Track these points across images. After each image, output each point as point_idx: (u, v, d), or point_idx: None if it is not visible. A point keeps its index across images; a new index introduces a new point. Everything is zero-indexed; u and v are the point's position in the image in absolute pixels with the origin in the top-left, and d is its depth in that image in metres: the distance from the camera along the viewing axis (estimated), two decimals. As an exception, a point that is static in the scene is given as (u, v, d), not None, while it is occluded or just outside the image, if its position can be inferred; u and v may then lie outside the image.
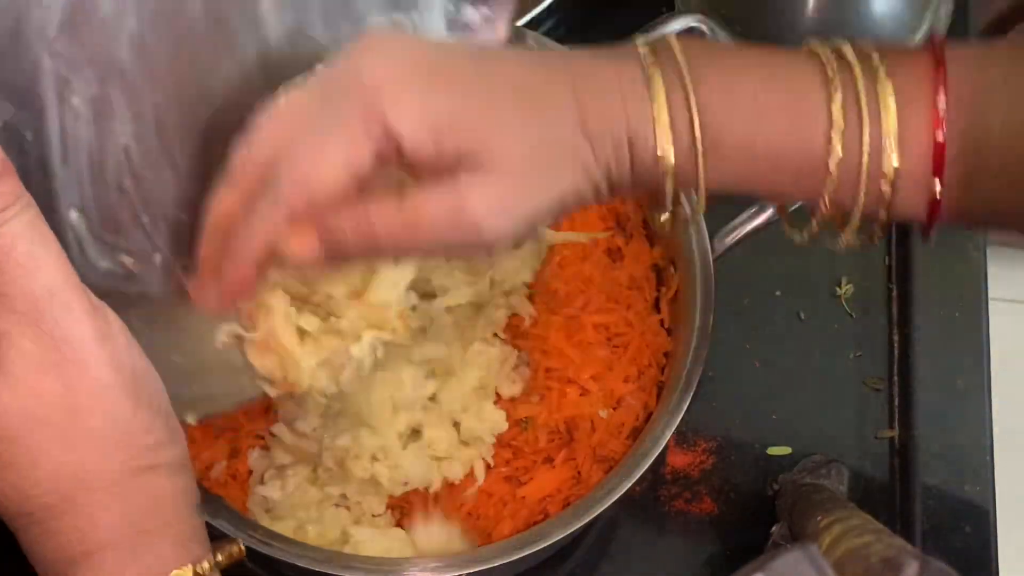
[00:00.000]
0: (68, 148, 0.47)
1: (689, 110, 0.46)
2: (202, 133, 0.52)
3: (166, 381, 0.48)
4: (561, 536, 0.59)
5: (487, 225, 0.44)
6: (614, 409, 0.66)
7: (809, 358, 0.77)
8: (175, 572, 0.44)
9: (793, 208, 0.52)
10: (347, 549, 0.63)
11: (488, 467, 0.66)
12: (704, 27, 0.71)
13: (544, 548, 0.58)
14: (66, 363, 0.43)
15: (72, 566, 0.44)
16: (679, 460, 0.73)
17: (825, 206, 0.47)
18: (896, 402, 0.76)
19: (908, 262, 0.79)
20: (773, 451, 0.74)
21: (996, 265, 0.81)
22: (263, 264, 0.46)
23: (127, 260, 0.52)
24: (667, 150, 0.46)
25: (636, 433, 0.65)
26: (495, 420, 0.65)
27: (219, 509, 0.58)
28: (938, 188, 0.46)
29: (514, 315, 0.69)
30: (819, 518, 0.62)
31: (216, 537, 0.48)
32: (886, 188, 0.46)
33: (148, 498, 0.45)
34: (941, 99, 0.45)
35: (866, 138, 0.45)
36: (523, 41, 0.69)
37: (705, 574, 0.71)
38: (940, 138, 0.45)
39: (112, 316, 0.45)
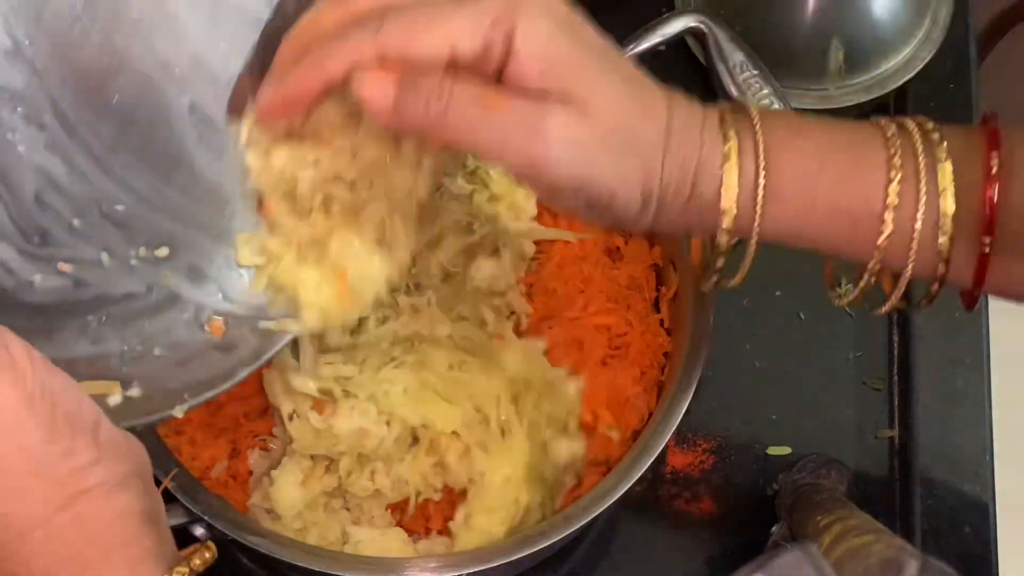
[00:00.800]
0: None
1: (756, 155, 0.47)
2: (117, 117, 0.50)
3: (152, 377, 0.46)
4: (561, 536, 0.59)
5: (552, 155, 0.45)
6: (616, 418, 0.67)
7: (809, 358, 0.77)
8: None
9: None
10: (347, 549, 0.63)
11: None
12: (704, 27, 0.71)
13: (544, 548, 0.58)
14: None
15: None
16: (679, 460, 0.73)
17: (875, 265, 0.48)
18: (896, 402, 0.76)
19: (908, 262, 0.79)
20: (773, 451, 0.74)
21: (996, 265, 0.80)
22: (329, 88, 0.45)
23: (68, 268, 0.50)
24: (731, 188, 0.47)
25: (636, 433, 0.66)
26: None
27: (219, 509, 0.58)
28: (987, 249, 0.47)
29: (512, 313, 0.69)
30: (819, 518, 0.62)
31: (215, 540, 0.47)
32: (939, 254, 0.47)
33: (83, 529, 0.42)
34: (994, 162, 0.47)
35: (921, 209, 0.47)
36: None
37: (705, 574, 0.71)
38: (988, 214, 0.47)
39: (13, 339, 0.42)
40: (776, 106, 0.70)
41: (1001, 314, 0.84)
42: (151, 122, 0.51)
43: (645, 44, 0.70)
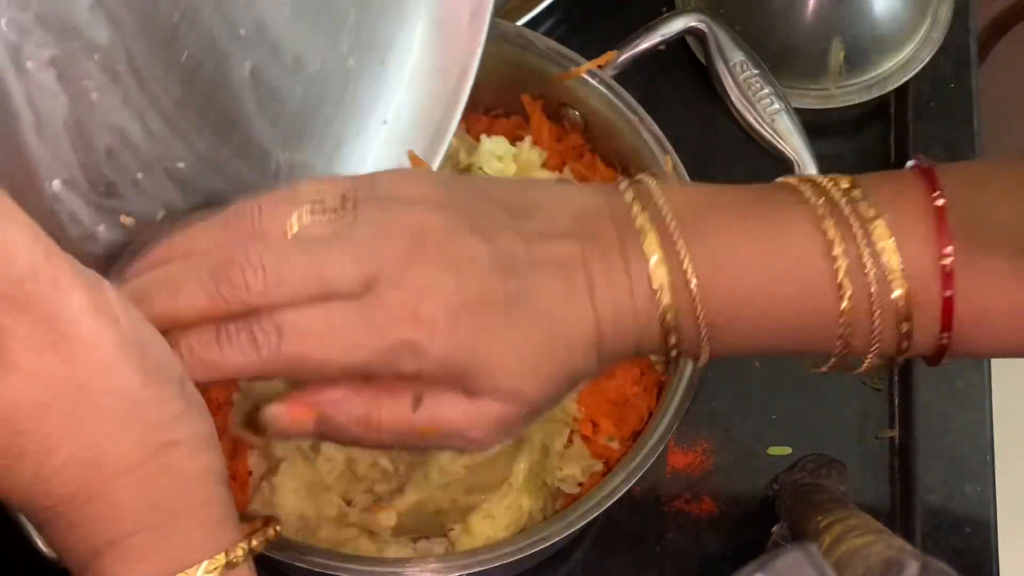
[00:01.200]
0: (40, 119, 0.45)
1: (687, 279, 0.45)
2: (184, 74, 0.50)
3: None
4: (561, 536, 0.58)
5: (488, 441, 0.46)
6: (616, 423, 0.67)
7: (809, 358, 0.77)
8: (207, 562, 0.41)
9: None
10: (347, 549, 0.62)
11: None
12: (704, 27, 0.71)
13: (544, 548, 0.58)
14: (64, 341, 0.40)
15: (97, 557, 0.41)
16: (679, 460, 0.73)
17: (841, 349, 0.47)
18: (896, 402, 0.76)
19: (908, 262, 0.79)
20: (773, 451, 0.74)
21: (996, 265, 0.80)
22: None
23: (129, 221, 0.50)
24: (672, 318, 0.46)
25: (636, 434, 0.65)
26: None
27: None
28: (945, 339, 0.46)
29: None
30: (819, 518, 0.62)
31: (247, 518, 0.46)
32: (896, 331, 0.46)
33: (172, 479, 0.41)
34: (947, 251, 0.45)
35: (872, 278, 0.45)
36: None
37: (705, 574, 0.71)
38: (948, 289, 0.45)
39: (106, 285, 0.42)
40: (775, 106, 0.69)
41: (1001, 314, 0.84)
42: (213, 82, 0.51)
43: (645, 44, 0.70)
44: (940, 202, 0.46)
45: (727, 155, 0.79)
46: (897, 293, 0.45)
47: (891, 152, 0.83)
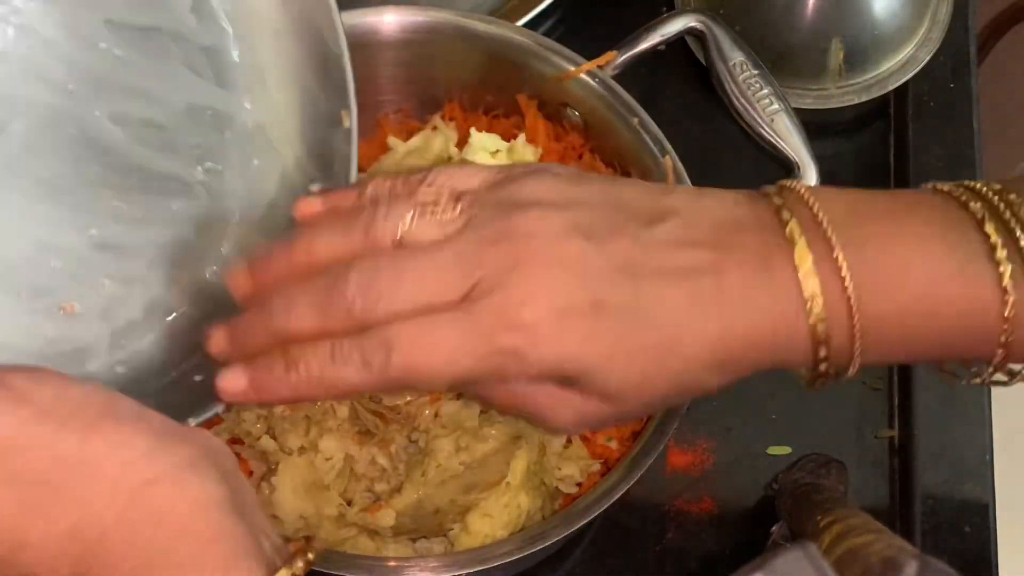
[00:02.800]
0: None
1: (844, 287, 0.43)
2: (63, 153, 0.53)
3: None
4: (561, 536, 0.58)
5: (566, 430, 0.49)
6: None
7: (809, 358, 0.77)
8: None
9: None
10: (347, 549, 0.62)
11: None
12: (704, 27, 0.71)
13: (544, 548, 0.58)
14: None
15: None
16: (679, 460, 0.73)
17: (1001, 357, 0.45)
18: (896, 402, 0.76)
19: (908, 262, 0.79)
20: (773, 451, 0.74)
21: (996, 265, 0.80)
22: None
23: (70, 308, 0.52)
24: (820, 331, 0.44)
25: (636, 434, 0.65)
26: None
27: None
28: None
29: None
30: (819, 518, 0.62)
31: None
32: None
33: (162, 525, 0.39)
34: None
35: None
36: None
37: (705, 574, 0.71)
38: None
39: (8, 373, 0.41)
40: (775, 106, 0.69)
41: (1001, 314, 0.84)
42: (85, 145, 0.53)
43: (645, 44, 0.70)
44: None
45: (727, 155, 0.79)
46: None
47: (891, 152, 0.83)
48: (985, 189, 0.45)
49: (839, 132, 0.84)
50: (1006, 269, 0.43)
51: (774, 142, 0.69)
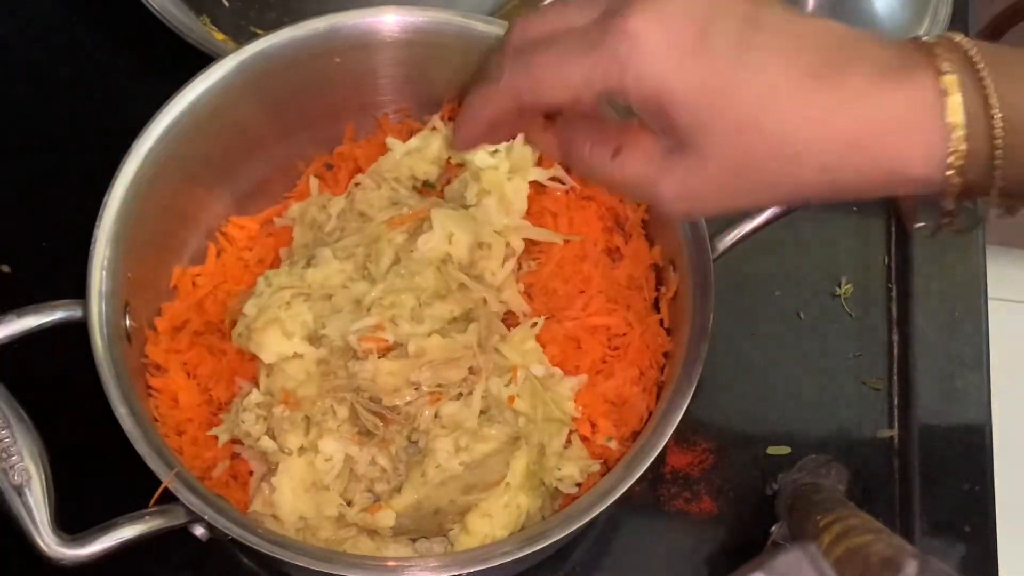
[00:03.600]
0: None
1: (990, 96, 0.42)
2: None
3: None
4: (561, 536, 0.59)
5: (671, 208, 0.46)
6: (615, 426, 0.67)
7: (809, 358, 0.77)
8: None
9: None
10: (347, 549, 0.63)
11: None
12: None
13: (544, 548, 0.58)
14: None
15: None
16: (679, 460, 0.73)
17: None
18: (896, 402, 0.76)
19: (908, 262, 0.79)
20: (773, 451, 0.74)
21: (996, 265, 0.81)
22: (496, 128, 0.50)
23: None
24: (959, 137, 0.43)
25: (636, 434, 0.66)
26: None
27: (220, 509, 0.58)
28: None
29: (508, 313, 0.69)
30: (819, 518, 0.62)
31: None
32: None
33: None
34: None
35: None
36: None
37: (705, 574, 0.71)
38: None
39: None
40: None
41: (1001, 314, 0.84)
42: None
43: (645, 44, 0.70)
44: None
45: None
46: None
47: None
48: None
49: (839, 132, 0.84)
50: None
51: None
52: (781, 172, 0.44)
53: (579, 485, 0.65)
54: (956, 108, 0.42)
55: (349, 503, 0.64)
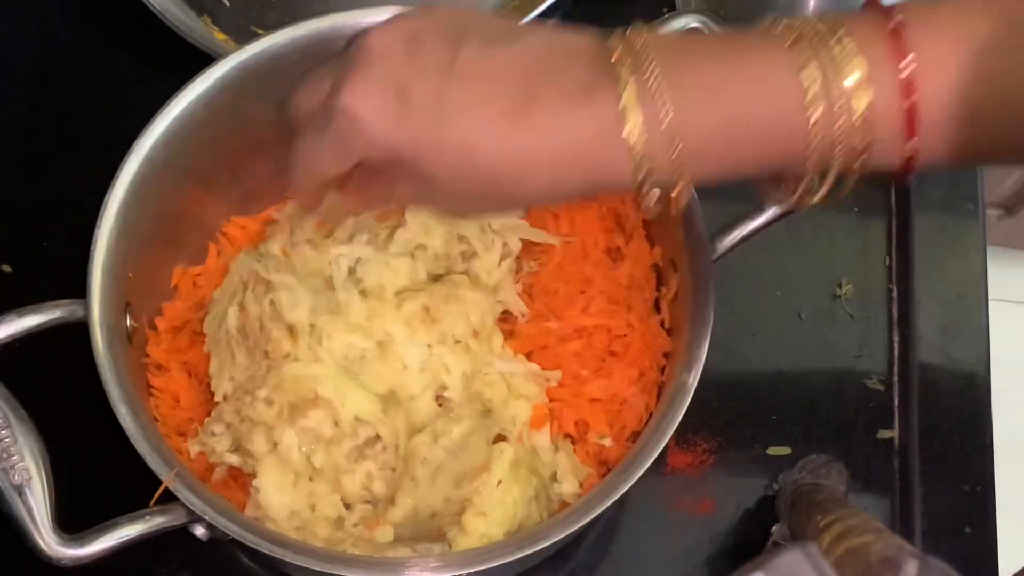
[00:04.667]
0: None
1: (662, 105, 0.46)
2: None
3: None
4: (561, 536, 0.59)
5: (444, 210, 0.55)
6: (616, 416, 0.67)
7: (809, 358, 0.77)
8: None
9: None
10: (347, 549, 0.62)
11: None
12: (704, 27, 0.71)
13: (544, 548, 0.58)
14: None
15: None
16: (679, 460, 0.73)
17: (806, 170, 0.48)
18: (896, 402, 0.76)
19: (908, 262, 0.79)
20: (773, 451, 0.74)
21: (996, 265, 0.81)
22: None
23: None
24: (639, 147, 0.47)
25: (635, 434, 0.66)
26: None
27: (220, 509, 0.58)
28: (913, 142, 0.46)
29: (506, 312, 0.69)
30: (819, 518, 0.62)
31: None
32: (859, 144, 0.47)
33: None
34: (907, 58, 0.46)
35: (836, 97, 0.46)
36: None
37: (705, 574, 0.71)
38: (910, 96, 0.46)
39: None
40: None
41: (1001, 314, 0.84)
42: None
43: (645, 44, 0.70)
44: (898, 18, 0.47)
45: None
46: (861, 104, 0.46)
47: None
48: (811, 25, 0.48)
49: (839, 132, 0.84)
50: (810, 85, 0.46)
51: (774, 142, 0.69)
52: (506, 193, 0.49)
53: (580, 484, 0.65)
54: (633, 126, 0.46)
55: (348, 506, 0.64)
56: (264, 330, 0.64)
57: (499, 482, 0.62)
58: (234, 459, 0.64)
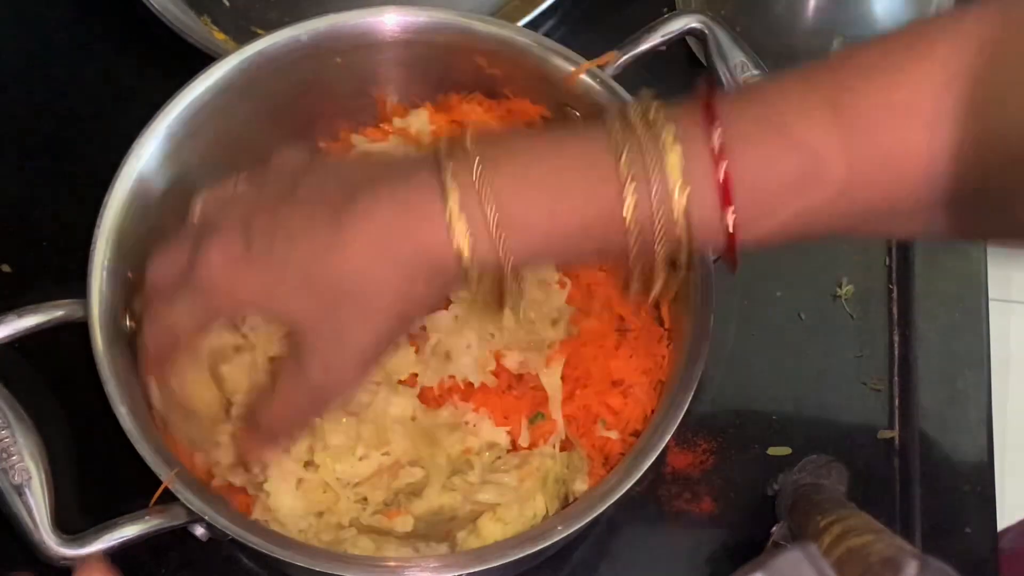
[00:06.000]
0: None
1: (484, 205, 0.47)
2: None
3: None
4: (561, 536, 0.59)
5: (336, 389, 0.53)
6: (616, 414, 0.67)
7: (809, 358, 0.77)
8: None
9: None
10: (347, 549, 0.62)
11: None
12: (704, 27, 0.71)
13: (544, 548, 0.58)
14: None
15: None
16: (679, 460, 0.73)
17: (631, 262, 0.48)
18: (896, 402, 0.76)
19: (908, 262, 0.79)
20: (773, 451, 0.74)
21: (996, 265, 0.81)
22: None
23: None
24: (464, 247, 0.48)
25: (636, 433, 0.65)
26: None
27: (220, 509, 0.58)
28: (731, 222, 0.47)
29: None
30: (819, 518, 0.62)
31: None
32: (680, 231, 0.47)
33: None
34: (716, 135, 0.46)
35: (655, 187, 0.47)
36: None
37: (705, 574, 0.71)
38: (722, 175, 0.46)
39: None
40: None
41: (1001, 314, 0.84)
42: None
43: (645, 44, 0.70)
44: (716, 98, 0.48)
45: (727, 155, 0.79)
46: (677, 197, 0.47)
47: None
48: (635, 113, 0.48)
49: (839, 132, 0.84)
50: (627, 186, 0.47)
51: (774, 142, 0.69)
52: (359, 301, 0.50)
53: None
54: (459, 233, 0.47)
55: (364, 499, 0.64)
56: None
57: (529, 492, 0.62)
58: (241, 478, 0.63)
